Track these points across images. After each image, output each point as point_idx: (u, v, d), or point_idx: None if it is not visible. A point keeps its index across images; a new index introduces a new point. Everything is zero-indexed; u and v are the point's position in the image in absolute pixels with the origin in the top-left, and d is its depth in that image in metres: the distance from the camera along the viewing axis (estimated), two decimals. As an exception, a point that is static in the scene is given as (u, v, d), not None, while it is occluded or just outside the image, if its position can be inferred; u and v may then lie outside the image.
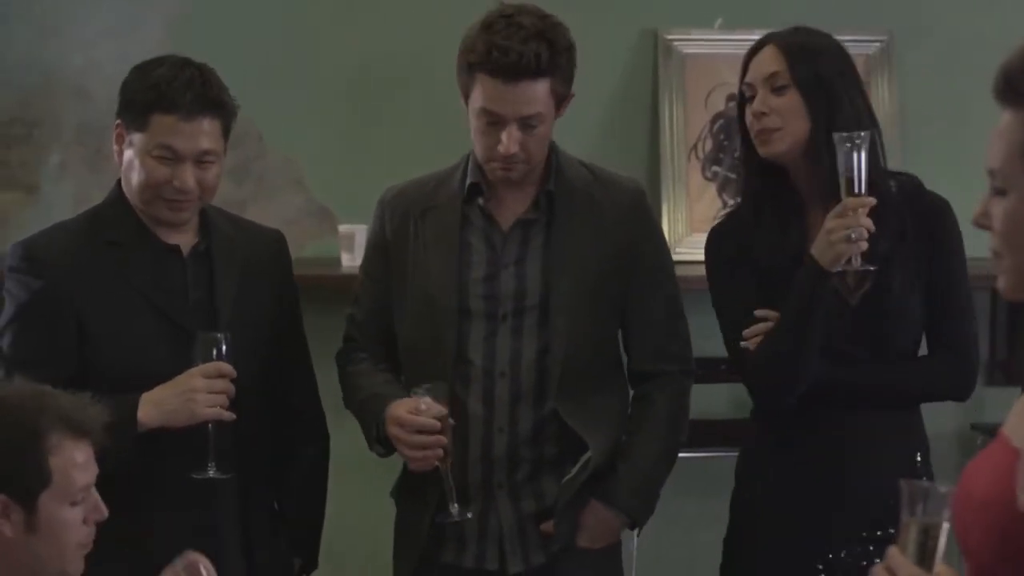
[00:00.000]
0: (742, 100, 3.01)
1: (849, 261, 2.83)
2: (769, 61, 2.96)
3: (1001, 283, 1.89)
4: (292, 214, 4.42)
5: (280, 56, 4.39)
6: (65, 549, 2.40)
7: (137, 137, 2.94)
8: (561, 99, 2.99)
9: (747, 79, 2.98)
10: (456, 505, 2.97)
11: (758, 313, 2.97)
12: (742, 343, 2.98)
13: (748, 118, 2.98)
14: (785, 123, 2.94)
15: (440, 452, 2.94)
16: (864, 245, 2.82)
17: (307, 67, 4.41)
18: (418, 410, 2.94)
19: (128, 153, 2.97)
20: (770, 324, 2.96)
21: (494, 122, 2.95)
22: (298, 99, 4.41)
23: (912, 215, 2.99)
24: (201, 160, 2.94)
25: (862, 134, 2.83)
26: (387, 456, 3.07)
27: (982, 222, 1.88)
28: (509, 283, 3.04)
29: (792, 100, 2.93)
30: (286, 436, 3.17)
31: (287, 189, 4.45)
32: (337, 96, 4.42)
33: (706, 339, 3.25)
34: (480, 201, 3.06)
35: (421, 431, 2.93)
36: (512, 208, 3.07)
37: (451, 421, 2.95)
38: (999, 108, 1.87)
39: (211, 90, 2.95)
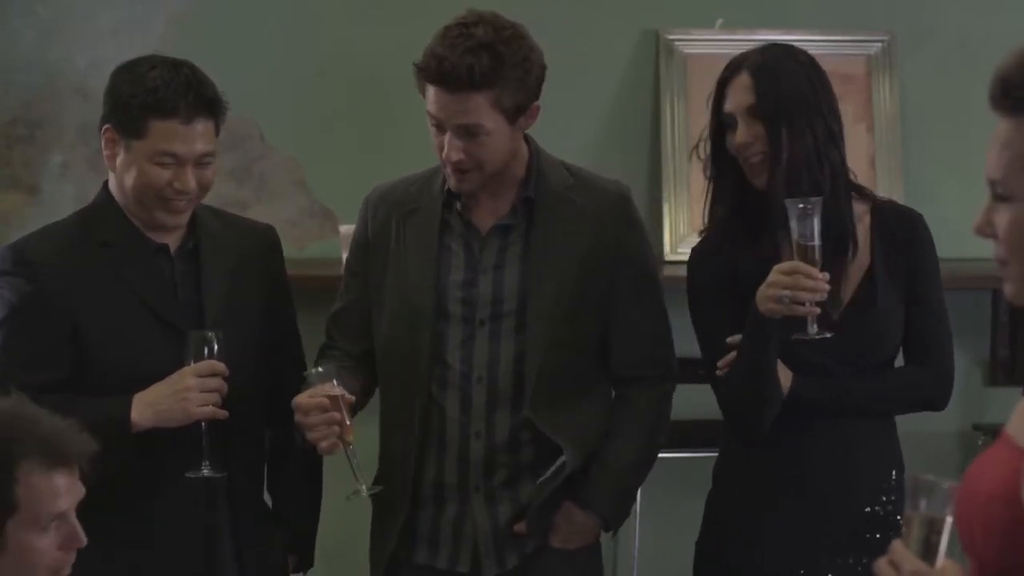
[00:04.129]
0: (720, 126, 3.01)
1: (805, 329, 2.86)
2: (745, 91, 2.96)
3: (1008, 290, 1.90)
4: (294, 214, 4.43)
5: (283, 56, 4.40)
6: (34, 572, 2.34)
7: (135, 143, 2.92)
8: (514, 111, 2.96)
9: (728, 108, 2.98)
10: (363, 485, 2.96)
11: (730, 341, 2.99)
12: (717, 372, 3.01)
13: (730, 144, 2.98)
14: (764, 150, 2.95)
15: (336, 430, 2.91)
16: (809, 309, 2.84)
17: (309, 67, 4.42)
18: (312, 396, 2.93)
19: (123, 158, 2.94)
20: None
21: (439, 126, 2.96)
22: (300, 99, 4.41)
23: (887, 232, 3.02)
24: (200, 162, 2.94)
25: (813, 200, 2.84)
26: (311, 448, 3.04)
27: (985, 231, 1.88)
28: (487, 288, 3.04)
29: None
30: (279, 433, 3.17)
31: (289, 190, 4.45)
32: (339, 96, 4.43)
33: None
34: (458, 206, 3.07)
35: (314, 412, 2.90)
36: (490, 213, 3.07)
37: (349, 397, 2.93)
38: (996, 116, 1.87)
39: (207, 91, 2.94)
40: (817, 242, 2.84)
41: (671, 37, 4.48)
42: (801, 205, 2.84)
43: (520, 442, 3.05)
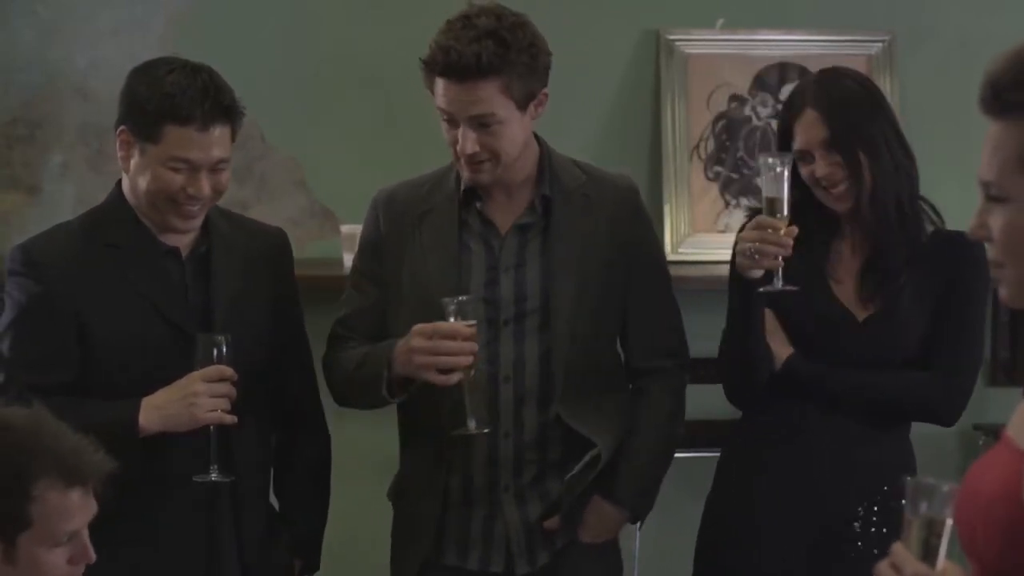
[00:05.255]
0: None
1: (771, 281, 2.90)
2: (814, 126, 2.99)
3: (1003, 292, 1.90)
4: (294, 214, 4.42)
5: (283, 56, 4.39)
6: None
7: (150, 148, 2.90)
8: (525, 98, 2.97)
9: (800, 146, 3.00)
10: (473, 420, 2.93)
11: None
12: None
13: (806, 176, 3.01)
14: (848, 176, 2.99)
15: (470, 359, 2.90)
16: (772, 263, 2.89)
17: (310, 67, 4.41)
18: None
19: (137, 161, 2.93)
20: None
21: (451, 121, 2.96)
22: (301, 99, 4.41)
23: (933, 252, 3.03)
24: (215, 167, 2.93)
25: (785, 157, 2.91)
26: (398, 401, 3.02)
27: (979, 234, 1.88)
28: (509, 288, 3.04)
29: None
30: (286, 437, 3.17)
31: (289, 190, 4.44)
32: (339, 96, 4.42)
33: (708, 339, 3.26)
34: (478, 205, 3.06)
35: (450, 337, 2.89)
36: (509, 212, 3.07)
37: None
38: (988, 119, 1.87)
39: (224, 97, 2.92)
40: (782, 195, 2.89)
41: (671, 37, 4.47)
42: (771, 160, 2.90)
43: (548, 439, 3.06)
